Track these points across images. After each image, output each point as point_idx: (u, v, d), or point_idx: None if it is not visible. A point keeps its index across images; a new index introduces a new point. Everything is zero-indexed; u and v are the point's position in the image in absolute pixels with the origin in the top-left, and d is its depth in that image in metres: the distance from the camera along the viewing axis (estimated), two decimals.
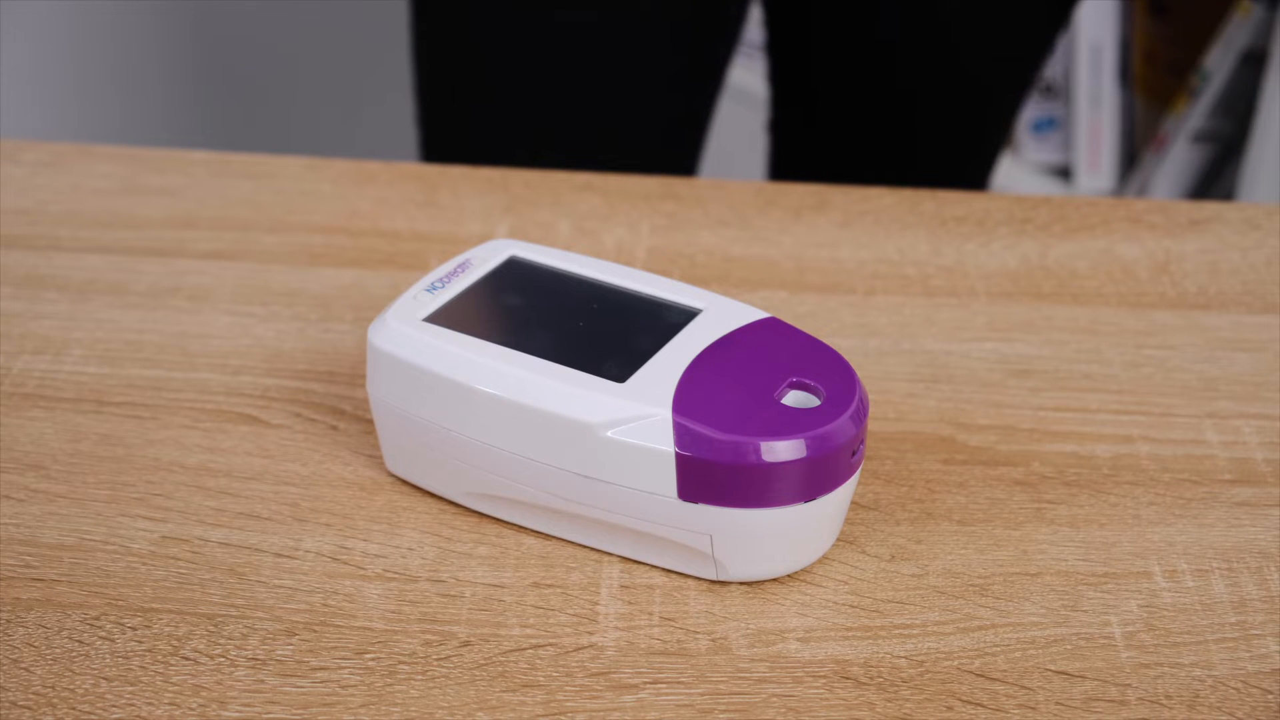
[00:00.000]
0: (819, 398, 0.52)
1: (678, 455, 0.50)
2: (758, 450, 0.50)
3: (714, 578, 0.53)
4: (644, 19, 0.88)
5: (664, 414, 0.50)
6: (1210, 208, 0.77)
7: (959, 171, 1.01)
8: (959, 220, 0.75)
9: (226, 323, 0.66)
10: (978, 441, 0.61)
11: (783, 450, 0.50)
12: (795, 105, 1.04)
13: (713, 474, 0.50)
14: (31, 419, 0.60)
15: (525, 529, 0.55)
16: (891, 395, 0.63)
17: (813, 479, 0.50)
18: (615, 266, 0.58)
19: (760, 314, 0.55)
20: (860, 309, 0.68)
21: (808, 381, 0.52)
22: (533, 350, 0.53)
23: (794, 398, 0.52)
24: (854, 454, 0.52)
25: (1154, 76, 1.80)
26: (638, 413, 0.51)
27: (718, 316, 0.55)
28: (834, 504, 0.52)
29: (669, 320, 0.55)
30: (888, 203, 0.77)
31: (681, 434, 0.50)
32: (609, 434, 0.51)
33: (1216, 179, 1.74)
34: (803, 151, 1.05)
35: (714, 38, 0.93)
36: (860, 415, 0.52)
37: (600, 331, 0.55)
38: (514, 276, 0.58)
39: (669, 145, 0.97)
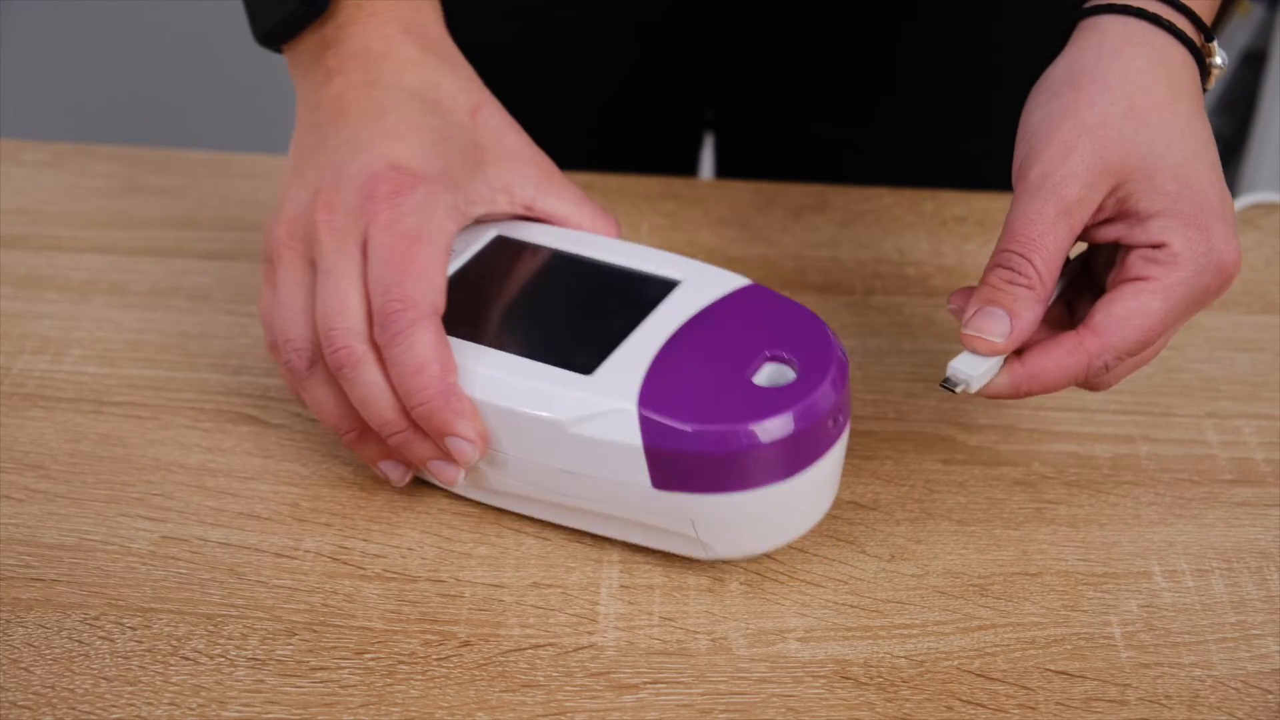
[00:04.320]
0: (794, 371, 0.51)
1: (646, 448, 0.50)
2: (726, 438, 0.49)
3: (705, 557, 0.53)
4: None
5: (629, 407, 0.50)
6: None
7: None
8: (959, 220, 0.75)
9: (226, 323, 0.66)
10: (978, 441, 0.61)
11: (752, 435, 0.49)
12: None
13: (683, 464, 0.49)
14: (31, 419, 0.60)
15: (525, 530, 0.55)
16: (891, 395, 0.63)
17: (788, 457, 0.50)
18: (599, 239, 0.58)
19: (740, 281, 0.55)
20: (860, 309, 0.68)
21: (783, 354, 0.51)
22: (506, 344, 0.53)
23: (769, 373, 0.51)
24: (834, 423, 0.51)
25: None
26: (604, 407, 0.50)
27: (696, 288, 0.54)
28: (817, 476, 0.51)
29: (646, 296, 0.54)
30: (888, 203, 0.77)
31: (648, 427, 0.49)
32: (576, 430, 0.50)
33: None
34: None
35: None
36: (837, 384, 0.51)
37: (576, 315, 0.55)
38: (496, 260, 0.58)
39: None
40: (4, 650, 0.50)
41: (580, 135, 0.88)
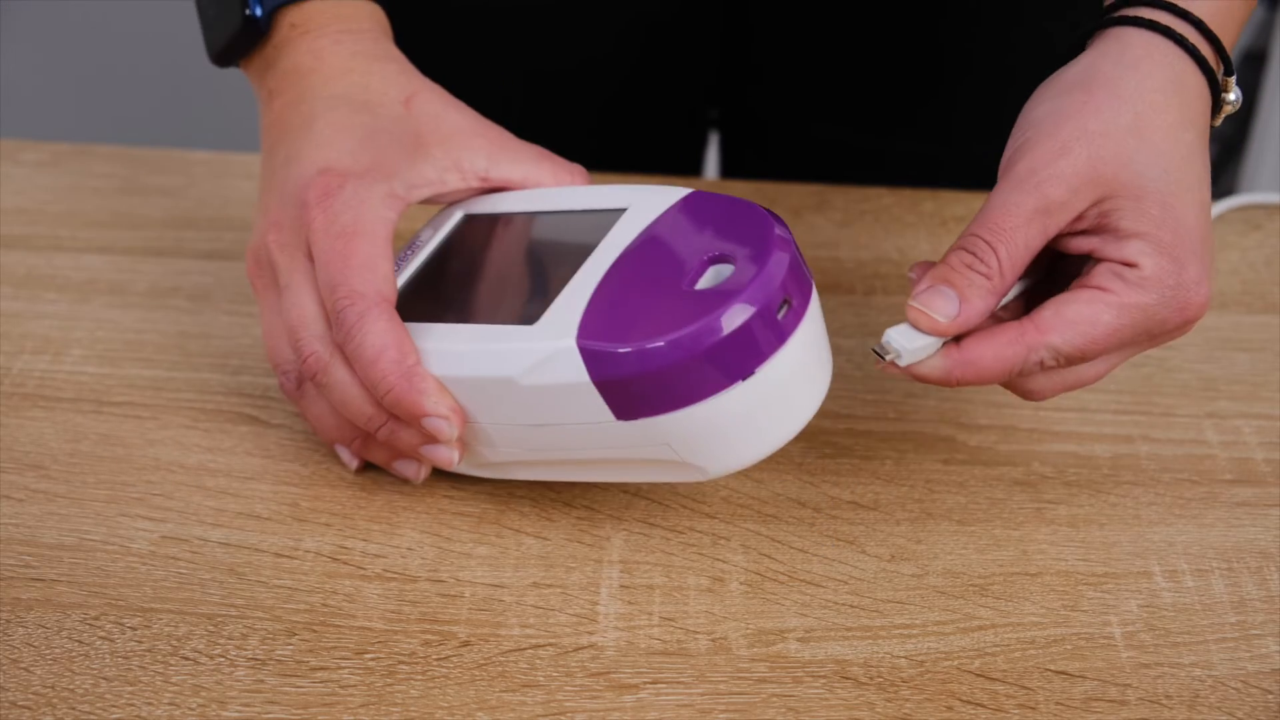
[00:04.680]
0: (734, 265, 0.49)
1: (595, 382, 0.49)
2: (666, 351, 0.47)
3: (704, 479, 0.51)
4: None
5: (569, 345, 0.49)
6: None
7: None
8: (959, 220, 0.75)
9: (226, 323, 0.66)
10: (978, 441, 0.61)
11: (691, 341, 0.47)
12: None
13: (635, 387, 0.48)
14: (31, 419, 0.60)
15: (525, 530, 0.56)
16: (891, 395, 0.63)
17: (738, 354, 0.48)
18: (559, 191, 0.58)
19: (682, 192, 0.54)
20: (860, 309, 0.68)
21: (724, 253, 0.50)
22: (460, 317, 0.53)
23: (712, 275, 0.50)
24: (788, 308, 0.49)
25: None
26: (546, 352, 0.49)
27: (640, 212, 0.54)
28: (784, 370, 0.49)
29: (593, 233, 0.54)
30: (887, 203, 0.77)
31: (590, 359, 0.48)
32: (529, 382, 0.50)
33: (1217, 179, 1.74)
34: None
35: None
36: (778, 269, 0.48)
37: (528, 271, 0.55)
38: (458, 241, 0.58)
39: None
40: (4, 650, 0.50)
41: (584, 135, 0.88)
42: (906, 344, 0.51)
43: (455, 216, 0.59)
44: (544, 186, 0.59)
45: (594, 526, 0.56)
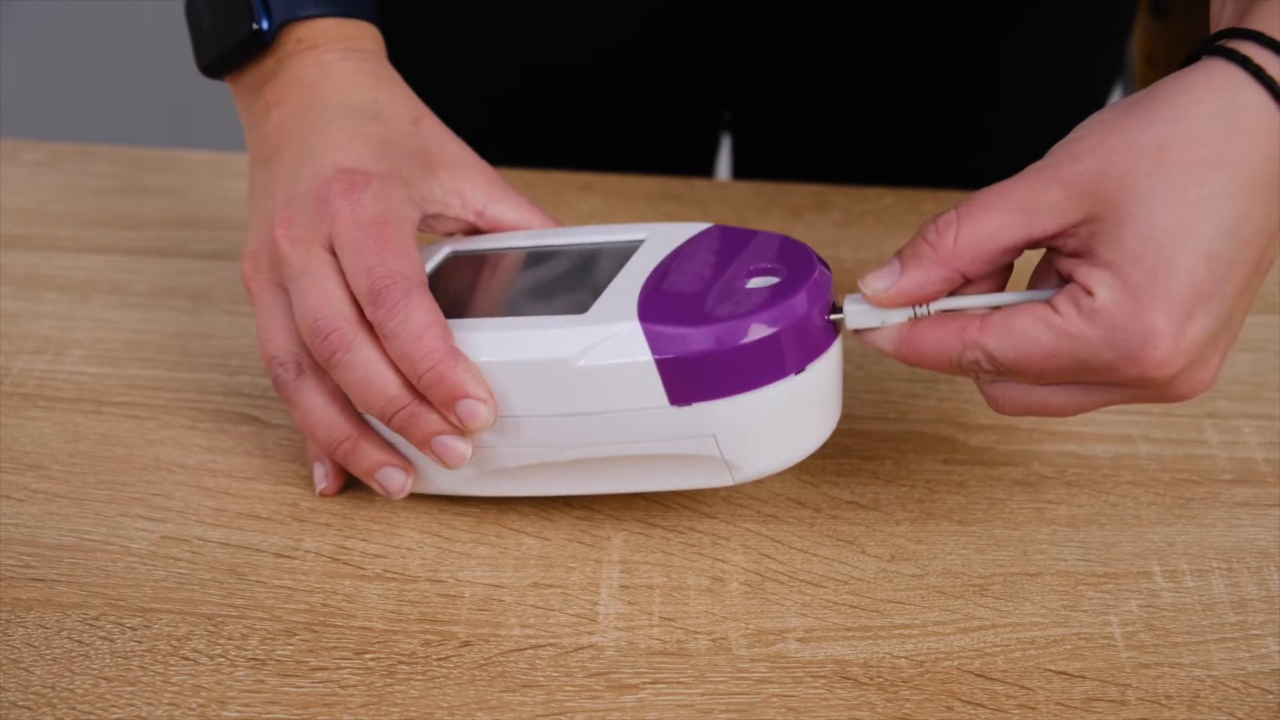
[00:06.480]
0: (780, 276, 0.51)
1: (657, 361, 0.49)
2: (733, 332, 0.49)
3: (730, 483, 0.52)
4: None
5: (632, 325, 0.50)
6: None
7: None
8: None
9: (226, 323, 0.66)
10: (978, 441, 0.61)
11: (757, 327, 0.49)
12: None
13: (696, 370, 0.49)
14: (31, 419, 0.60)
15: (525, 530, 0.56)
16: (891, 395, 0.63)
17: (796, 348, 0.50)
18: (553, 231, 0.59)
19: (703, 225, 0.55)
20: None
21: (765, 265, 0.51)
22: (494, 313, 0.53)
23: (756, 283, 0.51)
24: (829, 316, 0.51)
25: (1154, 76, 1.80)
26: (606, 333, 0.50)
27: (662, 239, 0.55)
28: (825, 372, 0.51)
29: (616, 255, 0.55)
30: (888, 203, 0.77)
31: (654, 338, 0.49)
32: (583, 363, 0.50)
33: None
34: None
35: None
36: (824, 280, 0.51)
37: (553, 282, 0.55)
38: (458, 266, 0.58)
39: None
40: (4, 650, 0.50)
41: (586, 134, 0.89)
42: (850, 306, 0.51)
43: (442, 251, 0.59)
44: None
45: (594, 526, 0.56)
